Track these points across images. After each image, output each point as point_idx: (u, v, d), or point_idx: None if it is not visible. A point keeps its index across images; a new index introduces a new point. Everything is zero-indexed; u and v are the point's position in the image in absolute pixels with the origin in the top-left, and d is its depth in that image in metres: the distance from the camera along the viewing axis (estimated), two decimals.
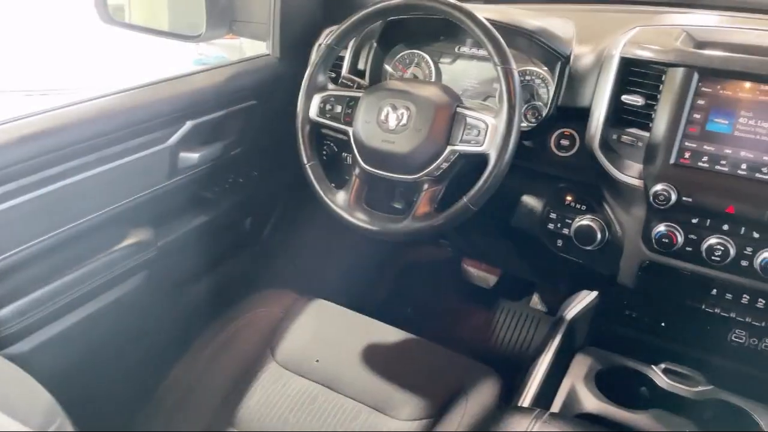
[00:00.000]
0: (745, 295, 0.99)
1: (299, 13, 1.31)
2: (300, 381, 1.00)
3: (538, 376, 0.99)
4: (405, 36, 1.24)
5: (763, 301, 0.97)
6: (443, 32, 1.20)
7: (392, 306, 1.65)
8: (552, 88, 1.10)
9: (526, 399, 0.97)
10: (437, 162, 0.99)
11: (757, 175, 0.92)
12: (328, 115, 1.06)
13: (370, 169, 1.03)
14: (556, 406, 0.93)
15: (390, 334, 1.09)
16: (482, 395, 0.95)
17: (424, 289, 1.66)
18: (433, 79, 1.23)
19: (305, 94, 1.07)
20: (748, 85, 0.92)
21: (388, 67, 1.26)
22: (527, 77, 1.14)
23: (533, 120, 1.12)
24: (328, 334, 1.10)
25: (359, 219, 1.02)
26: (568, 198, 1.13)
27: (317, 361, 1.03)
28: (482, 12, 0.99)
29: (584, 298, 1.14)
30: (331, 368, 1.02)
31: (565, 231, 1.12)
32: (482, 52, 1.17)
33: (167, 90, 1.11)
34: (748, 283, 0.97)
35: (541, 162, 1.14)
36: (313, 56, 1.30)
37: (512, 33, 1.09)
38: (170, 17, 1.47)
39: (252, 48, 1.43)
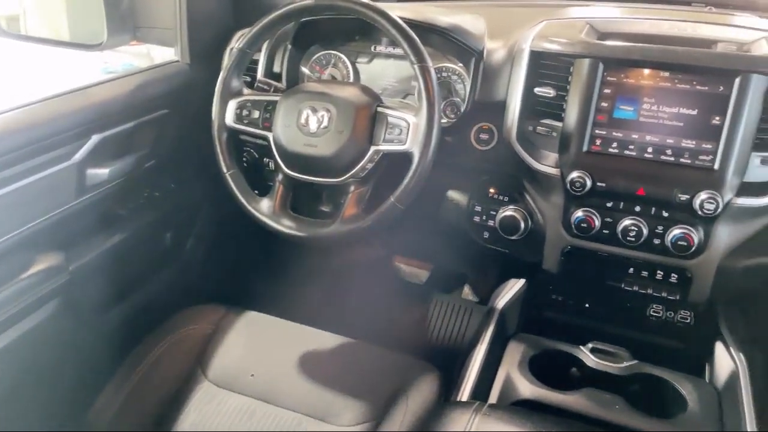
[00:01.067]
0: (659, 272, 1.04)
1: (207, 17, 1.26)
2: (235, 398, 0.97)
3: (475, 367, 1.00)
4: (320, 37, 1.22)
5: (676, 276, 1.03)
6: (358, 32, 1.20)
7: (326, 311, 1.63)
8: (468, 84, 1.12)
9: (465, 392, 0.98)
10: (362, 163, 0.98)
11: (662, 157, 0.98)
12: (245, 121, 1.03)
13: (294, 174, 1.01)
14: (494, 396, 0.95)
15: (326, 340, 1.08)
16: (423, 393, 0.95)
17: (356, 290, 1.65)
18: (351, 80, 1.22)
19: (220, 100, 1.04)
20: (649, 72, 0.97)
21: (304, 69, 1.24)
22: (444, 74, 1.15)
23: (453, 116, 1.14)
24: (262, 347, 1.07)
25: (286, 226, 1.00)
26: (492, 190, 1.15)
27: (252, 375, 1.00)
28: (396, 11, 0.99)
29: (513, 287, 1.17)
30: (267, 381, 0.99)
31: (491, 223, 1.14)
32: (399, 51, 1.17)
33: (69, 103, 1.04)
34: (661, 259, 1.02)
35: (464, 157, 1.15)
36: (226, 61, 1.26)
37: (426, 31, 1.10)
38: (70, 26, 1.38)
39: (162, 55, 1.37)
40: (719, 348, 1.03)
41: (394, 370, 1.01)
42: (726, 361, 0.99)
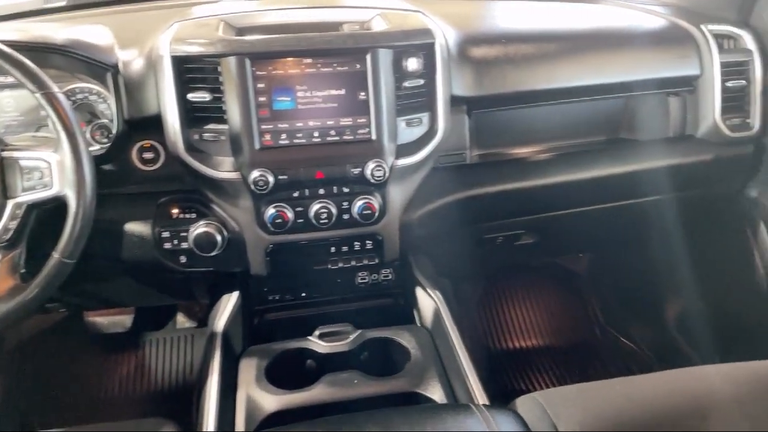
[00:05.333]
0: (356, 243, 1.11)
1: None
2: None
3: (212, 399, 0.92)
4: None
5: (371, 242, 1.12)
6: None
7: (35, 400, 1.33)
8: (113, 102, 0.99)
9: (209, 429, 0.90)
10: (2, 223, 0.79)
11: (328, 138, 1.02)
12: None
13: None
14: (239, 423, 0.89)
15: None
16: None
17: (51, 368, 1.38)
18: None
19: None
20: (293, 61, 0.99)
21: None
22: (79, 96, 1.00)
23: (105, 140, 1.00)
24: None
25: None
26: (174, 211, 1.06)
27: None
28: None
29: (228, 303, 1.11)
30: None
31: (184, 245, 1.06)
32: (11, 79, 0.97)
33: None
34: (354, 231, 1.09)
35: (131, 182, 1.04)
36: None
37: (41, 51, 0.94)
38: None
39: None
40: (419, 292, 1.15)
41: None
42: (427, 301, 1.12)
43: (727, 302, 1.51)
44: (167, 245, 1.06)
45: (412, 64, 1.03)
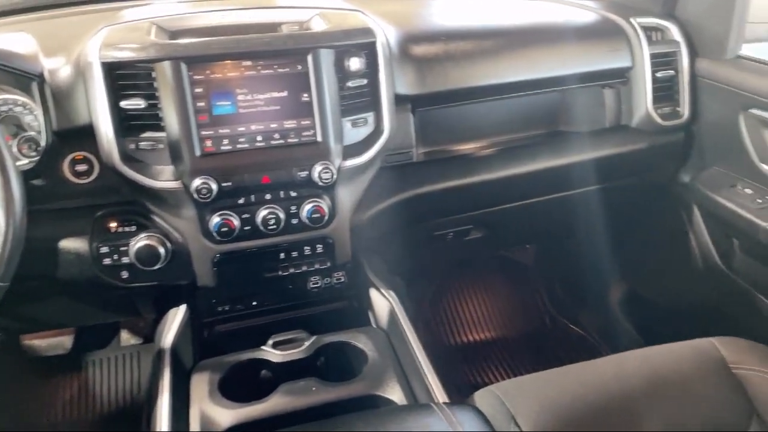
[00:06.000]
0: (306, 248, 1.09)
1: None
2: None
3: (164, 420, 0.88)
4: None
5: (321, 246, 1.10)
6: None
7: None
8: (40, 113, 0.94)
9: None
10: None
11: (273, 142, 1.00)
12: None
13: None
14: None
15: None
16: None
17: None
18: None
19: None
20: (232, 64, 0.96)
21: None
22: (3, 108, 0.94)
23: (33, 154, 0.95)
24: None
25: None
26: (113, 225, 1.02)
27: None
28: None
29: (175, 317, 1.07)
30: None
31: (125, 260, 1.01)
32: None
33: None
34: (304, 236, 1.07)
35: (64, 197, 0.98)
36: None
37: None
38: None
39: None
40: (373, 293, 1.15)
41: None
42: (381, 302, 1.11)
43: (666, 283, 1.58)
44: (107, 261, 1.01)
45: (355, 63, 1.02)
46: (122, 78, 0.93)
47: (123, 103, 0.93)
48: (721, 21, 1.23)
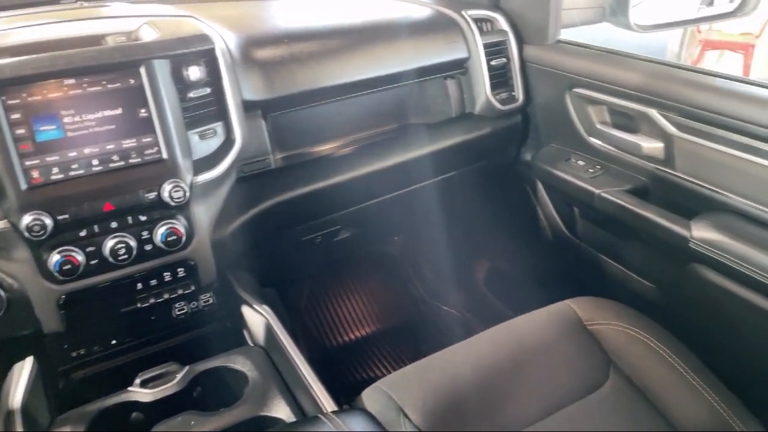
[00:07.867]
0: (166, 274, 1.02)
1: None
2: None
3: None
4: None
5: (182, 269, 1.03)
6: None
7: None
8: None
9: None
10: None
11: (111, 165, 0.92)
12: None
13: None
14: None
15: None
16: None
17: None
18: None
19: None
20: (53, 84, 0.86)
21: None
22: None
23: None
24: None
25: None
26: None
27: None
28: None
29: (22, 371, 0.94)
30: None
31: None
32: None
33: None
34: (161, 262, 1.00)
35: None
36: None
37: None
38: None
39: None
40: (246, 310, 1.10)
41: None
42: (256, 318, 1.07)
43: (522, 255, 1.70)
44: None
45: (194, 72, 0.96)
46: None
47: None
48: (541, 9, 1.34)
